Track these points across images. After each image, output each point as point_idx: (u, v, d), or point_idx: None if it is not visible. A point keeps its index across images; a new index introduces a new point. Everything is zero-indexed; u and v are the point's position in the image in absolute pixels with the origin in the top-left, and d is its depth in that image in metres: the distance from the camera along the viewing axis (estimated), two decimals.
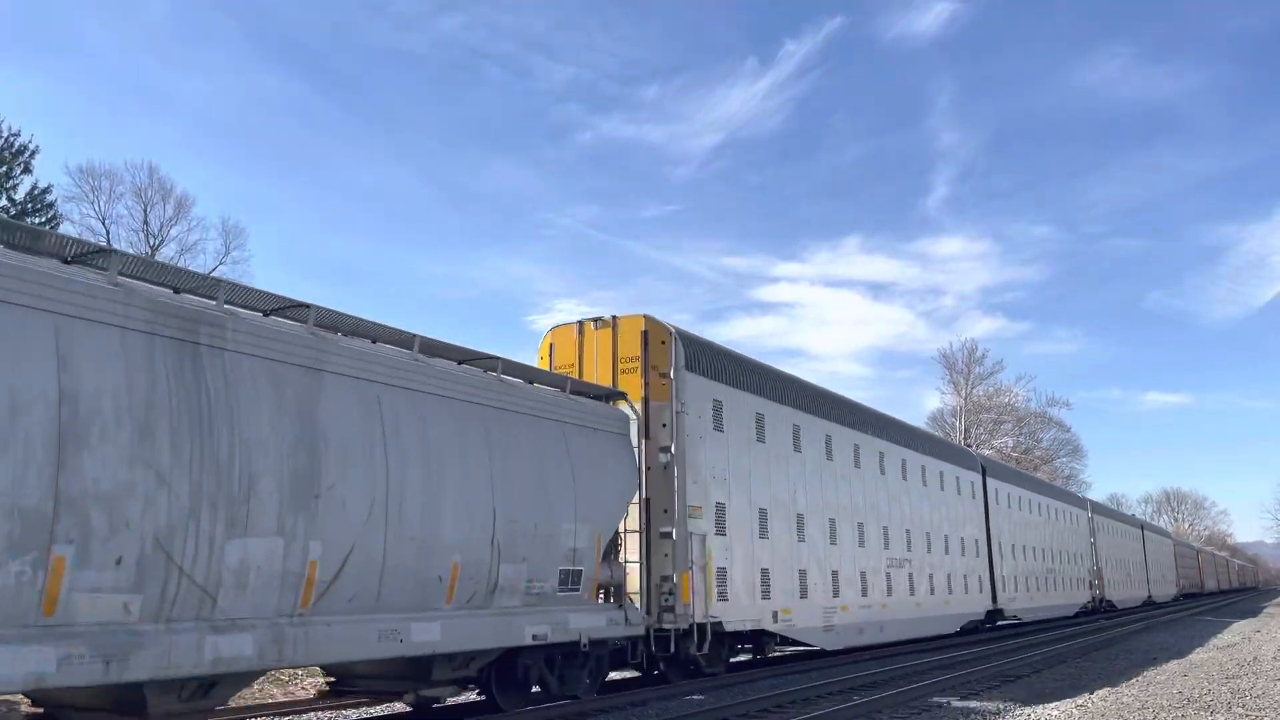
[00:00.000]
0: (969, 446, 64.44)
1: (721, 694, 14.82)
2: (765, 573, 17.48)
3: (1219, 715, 11.89)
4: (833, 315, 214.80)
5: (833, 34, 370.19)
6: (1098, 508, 51.30)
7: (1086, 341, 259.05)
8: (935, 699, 14.17)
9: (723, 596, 16.06)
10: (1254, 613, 48.86)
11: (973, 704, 13.57)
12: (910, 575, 24.17)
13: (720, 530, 16.28)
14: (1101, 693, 14.36)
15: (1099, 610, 45.40)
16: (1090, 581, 44.54)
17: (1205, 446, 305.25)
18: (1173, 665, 18.83)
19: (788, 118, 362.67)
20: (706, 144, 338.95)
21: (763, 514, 17.71)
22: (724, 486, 16.58)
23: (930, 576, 25.42)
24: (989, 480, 31.63)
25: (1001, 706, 13.28)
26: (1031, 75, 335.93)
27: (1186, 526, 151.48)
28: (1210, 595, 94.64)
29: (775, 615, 17.63)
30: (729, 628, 16.15)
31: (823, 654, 20.35)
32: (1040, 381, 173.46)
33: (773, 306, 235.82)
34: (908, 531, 24.42)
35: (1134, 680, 16.20)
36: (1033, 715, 12.48)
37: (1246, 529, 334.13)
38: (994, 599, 30.18)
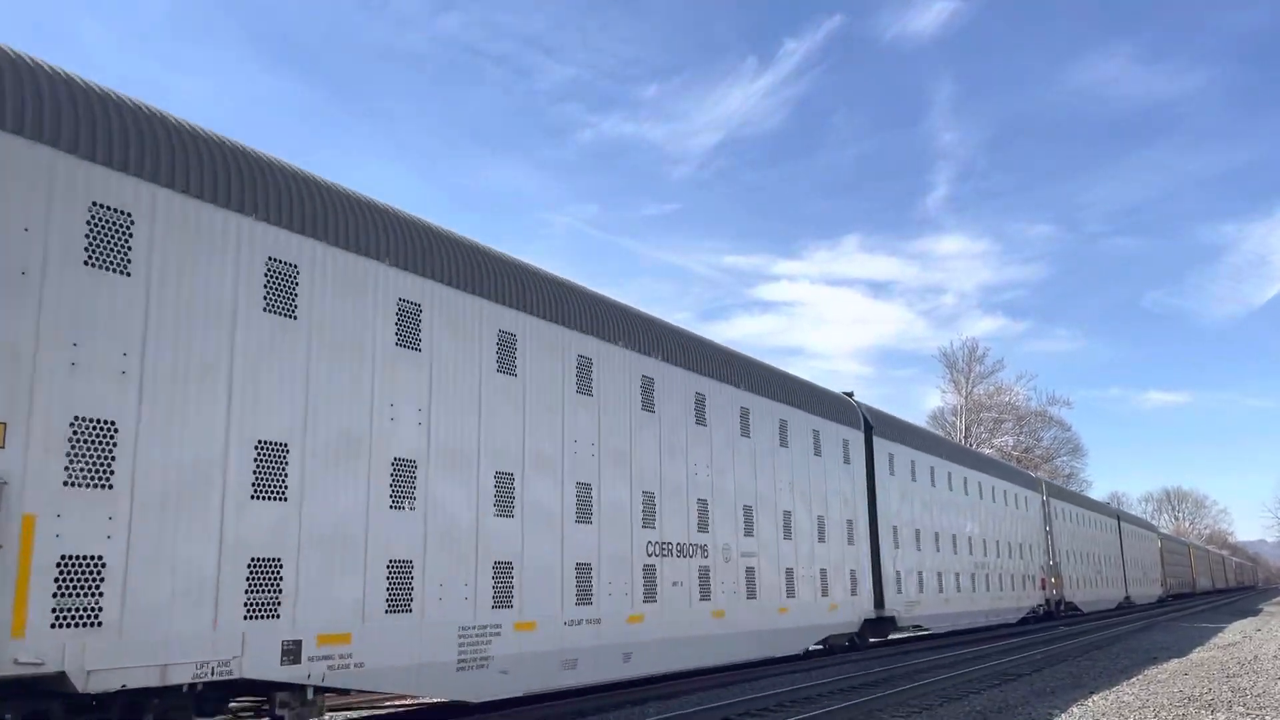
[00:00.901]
0: (964, 439, 56.06)
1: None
2: (264, 566, 8.76)
3: (1220, 714, 11.73)
4: (833, 314, 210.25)
5: (832, 33, 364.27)
6: (1056, 491, 42.04)
7: (1087, 341, 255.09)
8: (934, 698, 13.71)
9: (89, 618, 7.37)
10: (1250, 613, 43.06)
11: (972, 703, 13.05)
12: (706, 569, 15.44)
13: (83, 478, 7.58)
14: (1102, 692, 14.13)
15: (1055, 615, 36.80)
16: (1045, 580, 35.80)
17: (1205, 445, 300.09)
18: (1173, 664, 18.45)
19: (787, 117, 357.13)
20: (706, 143, 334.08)
21: (273, 452, 9.00)
22: (117, 383, 7.89)
23: (751, 570, 16.67)
24: (877, 440, 22.81)
25: (1002, 705, 12.82)
26: (1031, 74, 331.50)
27: (1187, 525, 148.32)
28: (1204, 595, 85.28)
29: (294, 649, 8.88)
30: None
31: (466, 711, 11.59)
32: (1041, 380, 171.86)
33: (773, 305, 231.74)
34: (703, 501, 15.66)
35: (1135, 679, 15.85)
36: (1033, 714, 12.05)
37: (1247, 528, 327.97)
38: (879, 602, 21.38)
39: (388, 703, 13.30)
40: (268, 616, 8.70)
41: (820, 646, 19.53)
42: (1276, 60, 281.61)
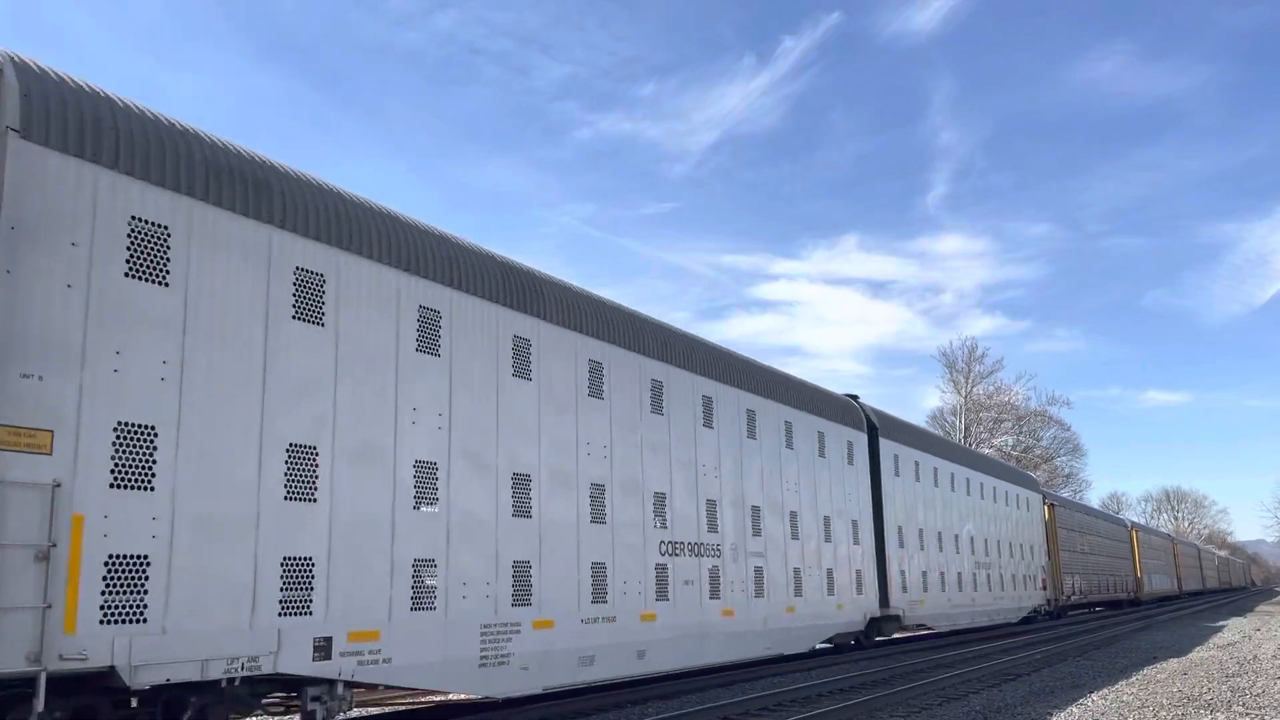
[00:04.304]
0: (975, 447, 54.16)
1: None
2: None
3: (1219, 714, 11.76)
4: (832, 313, 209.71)
5: (830, 31, 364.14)
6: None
7: (1086, 340, 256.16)
8: (934, 698, 13.79)
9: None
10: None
11: (972, 703, 13.15)
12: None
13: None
14: (1101, 691, 14.20)
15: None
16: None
17: (1205, 445, 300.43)
18: (1173, 664, 18.48)
19: (785, 115, 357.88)
20: (704, 141, 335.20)
21: None
22: None
23: None
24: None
25: (1002, 705, 12.90)
26: (1030, 72, 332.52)
27: (1186, 525, 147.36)
28: (1161, 602, 61.61)
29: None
30: None
31: None
32: (1040, 380, 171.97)
33: (771, 304, 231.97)
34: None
35: (1134, 679, 15.89)
36: (1033, 714, 12.12)
37: (1246, 528, 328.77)
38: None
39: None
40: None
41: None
42: (1276, 60, 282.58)
